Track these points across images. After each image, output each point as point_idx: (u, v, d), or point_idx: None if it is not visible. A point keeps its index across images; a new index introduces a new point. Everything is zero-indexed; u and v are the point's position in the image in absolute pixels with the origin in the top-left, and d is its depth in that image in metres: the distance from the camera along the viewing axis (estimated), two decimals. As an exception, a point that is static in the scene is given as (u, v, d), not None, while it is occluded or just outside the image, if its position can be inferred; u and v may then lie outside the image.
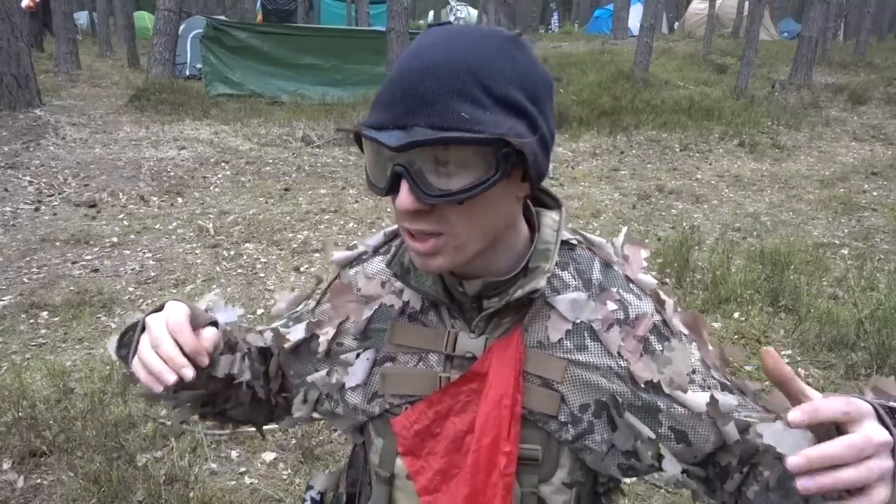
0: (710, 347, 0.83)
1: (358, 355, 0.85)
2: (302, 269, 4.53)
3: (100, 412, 2.76)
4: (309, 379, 0.88)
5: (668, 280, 4.39)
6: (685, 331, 0.82)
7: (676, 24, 25.73)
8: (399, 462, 0.83)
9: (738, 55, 12.93)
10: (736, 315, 3.90)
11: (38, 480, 2.46)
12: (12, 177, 6.09)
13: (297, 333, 0.89)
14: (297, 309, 0.95)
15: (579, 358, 0.77)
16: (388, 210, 5.81)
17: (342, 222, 5.51)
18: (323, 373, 0.87)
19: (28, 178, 6.10)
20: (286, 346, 0.89)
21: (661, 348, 0.78)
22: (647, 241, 5.24)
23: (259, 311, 3.88)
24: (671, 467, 0.78)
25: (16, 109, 7.77)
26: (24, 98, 7.93)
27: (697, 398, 0.77)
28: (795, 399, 0.62)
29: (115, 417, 2.75)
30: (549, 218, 0.81)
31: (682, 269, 4.43)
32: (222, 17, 15.71)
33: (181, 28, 12.49)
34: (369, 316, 0.85)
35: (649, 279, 0.83)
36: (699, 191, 6.83)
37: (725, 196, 6.75)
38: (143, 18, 20.57)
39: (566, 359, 0.77)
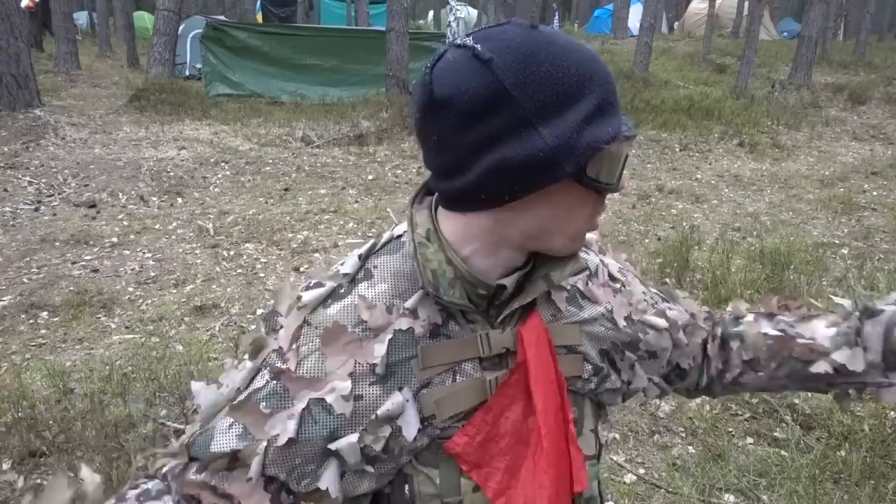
0: (636, 270, 1.01)
1: (403, 400, 0.76)
2: (302, 269, 4.53)
3: (99, 412, 2.76)
4: (333, 447, 0.74)
5: (668, 280, 4.40)
6: (624, 264, 0.98)
7: (676, 23, 25.73)
8: (463, 481, 0.79)
9: (738, 55, 12.94)
10: (736, 315, 3.90)
11: (38, 481, 2.46)
12: (12, 177, 6.09)
13: (285, 422, 0.73)
14: (257, 384, 0.75)
15: (583, 316, 0.87)
16: (389, 210, 5.81)
17: (342, 222, 5.51)
18: (353, 439, 0.74)
19: (28, 178, 6.10)
20: (289, 435, 0.73)
21: (619, 286, 0.92)
22: (646, 240, 5.24)
23: (259, 311, 3.88)
24: (640, 380, 0.93)
25: (15, 109, 7.77)
26: (23, 98, 7.92)
27: (659, 319, 0.93)
28: None
29: (115, 418, 2.75)
30: None
31: (682, 269, 4.43)
32: (222, 18, 15.71)
33: (181, 28, 12.49)
34: (385, 350, 0.75)
35: (589, 234, 0.93)
36: (699, 191, 6.83)
37: (725, 196, 6.75)
38: (143, 18, 20.59)
39: (577, 321, 0.86)
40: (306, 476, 0.75)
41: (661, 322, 0.93)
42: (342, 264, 0.81)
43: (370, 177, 6.87)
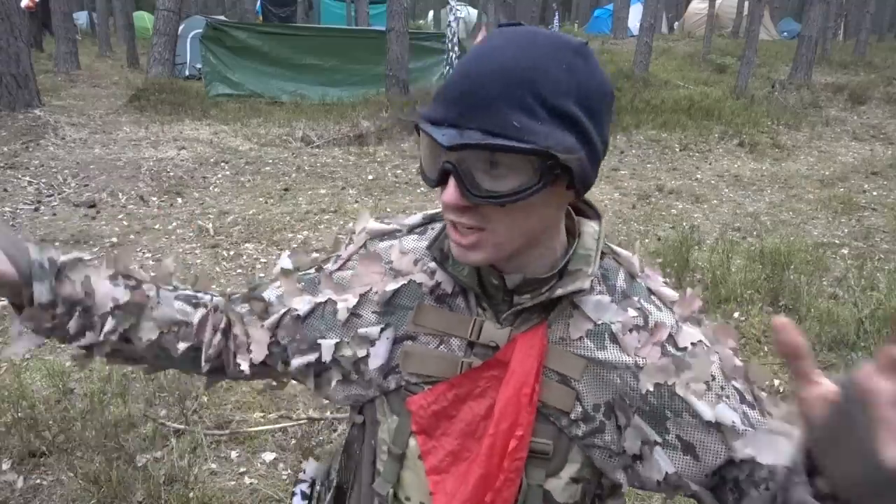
0: (736, 362, 0.82)
1: (380, 332, 0.85)
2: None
3: (99, 412, 2.76)
4: (320, 341, 0.88)
5: (667, 280, 4.39)
6: (707, 341, 0.82)
7: (676, 23, 25.72)
8: (412, 441, 0.84)
9: (738, 55, 12.94)
10: (736, 315, 3.90)
11: (38, 481, 2.46)
12: (12, 177, 6.09)
13: (305, 303, 0.89)
14: (310, 272, 0.93)
15: (598, 356, 0.79)
16: (389, 210, 5.81)
17: (342, 222, 5.51)
18: (332, 342, 0.87)
19: (27, 178, 6.10)
20: (299, 312, 0.88)
21: (681, 354, 0.79)
22: (646, 240, 5.24)
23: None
24: (654, 469, 0.79)
25: (15, 109, 7.77)
26: (23, 98, 7.92)
27: (705, 407, 0.77)
28: (803, 379, 0.55)
29: (115, 418, 2.75)
30: (590, 227, 0.83)
31: (682, 269, 4.43)
32: (222, 18, 15.71)
33: (181, 28, 12.49)
34: (395, 289, 0.85)
35: (670, 291, 0.87)
36: (699, 191, 6.83)
37: (725, 196, 6.75)
38: (143, 18, 20.58)
39: (586, 357, 0.79)
40: (300, 351, 0.90)
41: (706, 412, 0.77)
42: (412, 218, 0.93)
43: (370, 177, 6.87)
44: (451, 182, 0.69)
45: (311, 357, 0.88)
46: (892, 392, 0.47)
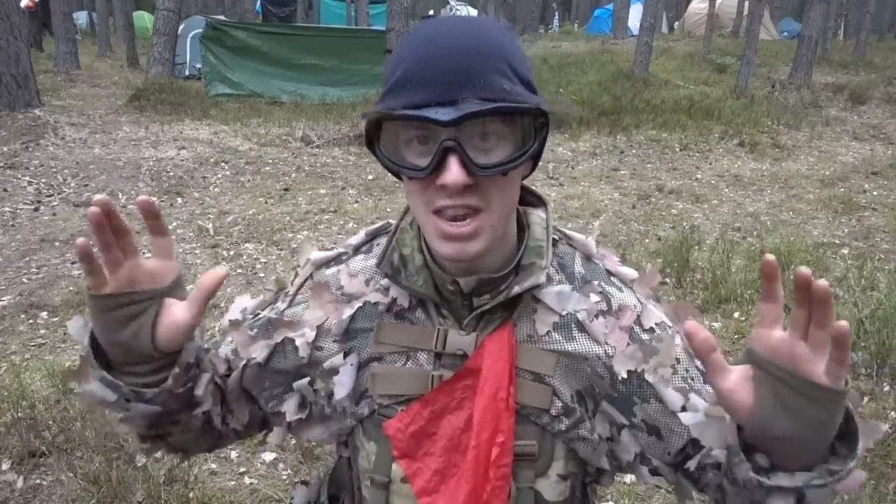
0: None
1: (343, 359, 0.83)
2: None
3: (99, 412, 2.76)
4: (295, 386, 0.86)
5: (668, 280, 4.39)
6: (669, 321, 0.83)
7: (676, 23, 25.71)
8: (395, 466, 0.81)
9: (738, 55, 12.94)
10: (736, 315, 3.90)
11: (38, 481, 2.46)
12: (11, 177, 6.09)
13: (262, 348, 0.85)
14: (261, 314, 0.89)
15: (568, 348, 0.79)
16: (389, 210, 5.80)
17: (342, 222, 5.51)
18: (306, 381, 0.85)
19: (27, 178, 6.10)
20: (257, 359, 0.84)
21: (647, 338, 0.80)
22: (647, 240, 5.24)
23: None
24: (625, 451, 0.82)
25: (15, 109, 7.76)
26: (23, 98, 7.92)
27: (675, 397, 0.78)
28: (718, 370, 0.64)
29: (115, 417, 2.75)
30: (537, 216, 0.82)
31: (682, 269, 4.43)
32: (222, 18, 15.71)
33: (181, 28, 12.49)
34: (351, 315, 0.83)
35: (629, 270, 0.86)
36: (699, 191, 6.82)
37: (725, 196, 6.74)
38: (143, 18, 20.59)
39: (556, 351, 0.79)
40: (273, 398, 0.87)
41: (674, 400, 0.78)
42: (354, 237, 0.90)
43: (370, 177, 6.87)
44: (454, 161, 0.66)
45: (293, 401, 0.86)
46: (782, 338, 0.63)
